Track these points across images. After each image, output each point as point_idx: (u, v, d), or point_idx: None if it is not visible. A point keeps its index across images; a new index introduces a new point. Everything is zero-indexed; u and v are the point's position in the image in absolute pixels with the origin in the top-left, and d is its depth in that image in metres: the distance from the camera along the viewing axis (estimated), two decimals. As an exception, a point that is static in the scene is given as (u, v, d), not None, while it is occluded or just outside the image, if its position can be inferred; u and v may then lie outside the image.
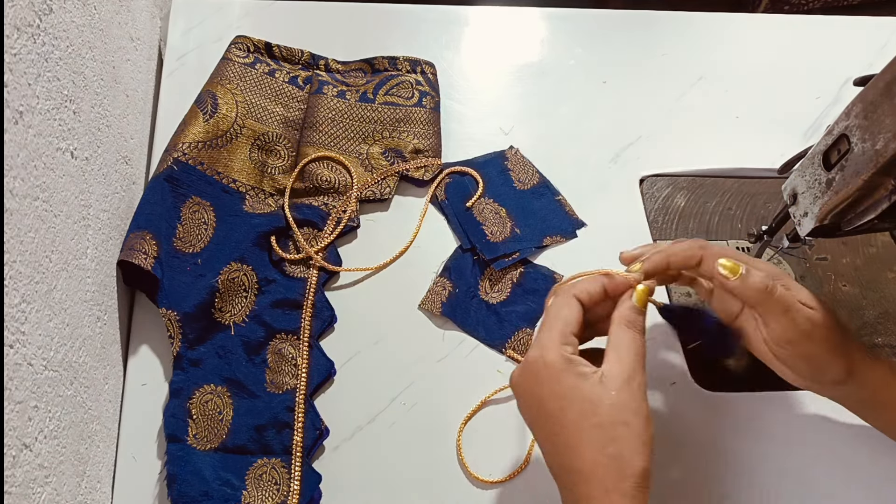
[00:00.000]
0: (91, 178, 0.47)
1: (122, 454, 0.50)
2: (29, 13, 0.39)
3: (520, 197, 0.62)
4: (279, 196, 0.59)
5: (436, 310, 0.55)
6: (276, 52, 0.66)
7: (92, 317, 0.46)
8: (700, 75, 0.71)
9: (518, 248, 0.58)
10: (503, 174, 0.63)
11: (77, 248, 0.44)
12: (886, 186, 0.39)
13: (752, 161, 0.65)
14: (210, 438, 0.49)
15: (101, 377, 0.47)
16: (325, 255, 0.57)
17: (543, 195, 0.62)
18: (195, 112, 0.60)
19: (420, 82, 0.65)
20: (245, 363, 0.52)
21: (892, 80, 0.38)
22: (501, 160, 0.63)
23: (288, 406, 0.51)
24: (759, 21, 0.77)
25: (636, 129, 0.67)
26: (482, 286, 0.57)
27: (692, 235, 0.62)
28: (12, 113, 0.36)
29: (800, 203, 0.47)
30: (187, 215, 0.56)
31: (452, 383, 0.54)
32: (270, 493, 0.48)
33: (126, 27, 0.57)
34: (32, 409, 0.37)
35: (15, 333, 0.35)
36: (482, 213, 0.60)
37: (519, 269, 0.58)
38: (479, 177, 0.62)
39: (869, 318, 0.58)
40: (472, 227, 0.59)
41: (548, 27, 0.73)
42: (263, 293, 0.55)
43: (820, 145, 0.44)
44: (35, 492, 0.37)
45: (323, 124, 0.62)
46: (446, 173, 0.62)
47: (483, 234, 0.58)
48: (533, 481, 0.50)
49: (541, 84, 0.69)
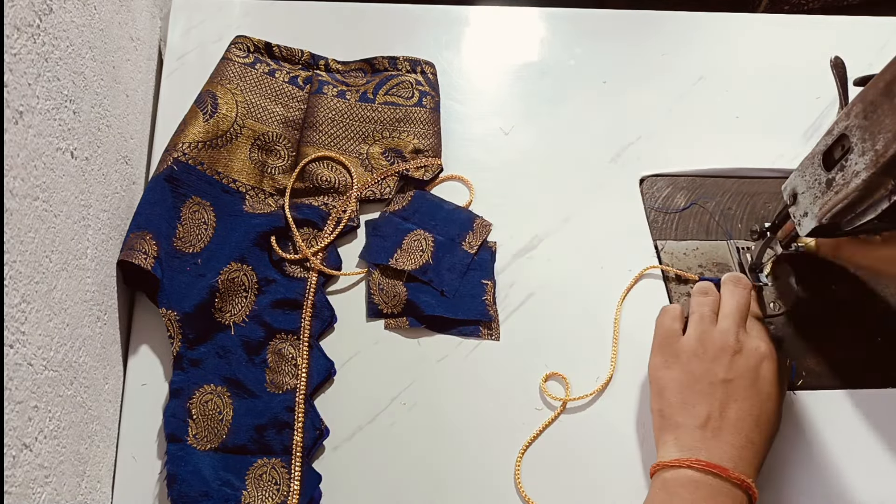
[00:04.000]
0: (91, 178, 0.47)
1: (122, 454, 0.50)
2: (29, 13, 0.39)
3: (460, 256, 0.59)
4: (279, 196, 0.59)
5: (403, 325, 0.56)
6: (276, 52, 0.66)
7: (92, 317, 0.46)
8: (700, 75, 0.71)
9: (428, 280, 0.57)
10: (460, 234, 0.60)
11: (77, 248, 0.44)
12: (886, 186, 0.39)
13: (752, 161, 0.65)
14: (210, 438, 0.49)
15: (101, 377, 0.47)
16: (325, 254, 0.57)
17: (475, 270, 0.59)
18: (195, 112, 0.60)
19: (420, 82, 0.65)
20: (245, 363, 0.52)
21: (892, 80, 0.38)
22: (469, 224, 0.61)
23: (288, 406, 0.51)
24: (759, 21, 0.77)
25: (636, 129, 0.67)
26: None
27: (692, 235, 0.62)
28: (12, 113, 0.36)
29: (800, 203, 0.47)
30: (187, 215, 0.56)
31: (452, 383, 0.54)
32: (270, 493, 0.48)
33: (126, 27, 0.57)
34: (32, 409, 0.37)
35: (15, 333, 0.35)
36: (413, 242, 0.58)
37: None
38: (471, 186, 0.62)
39: (869, 318, 0.58)
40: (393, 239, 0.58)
41: (548, 27, 0.73)
42: (263, 293, 0.55)
43: (820, 145, 0.44)
44: (35, 492, 0.37)
45: (323, 124, 0.62)
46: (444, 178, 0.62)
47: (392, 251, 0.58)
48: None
49: (541, 84, 0.69)
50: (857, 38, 0.74)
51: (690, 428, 0.47)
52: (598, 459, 0.52)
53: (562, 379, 0.54)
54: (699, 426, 0.47)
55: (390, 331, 0.56)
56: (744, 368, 0.49)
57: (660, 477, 0.47)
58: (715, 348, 0.50)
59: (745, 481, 0.45)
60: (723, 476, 0.45)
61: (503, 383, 0.54)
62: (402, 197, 0.61)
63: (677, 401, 0.49)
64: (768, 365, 0.50)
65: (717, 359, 0.49)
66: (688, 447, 0.47)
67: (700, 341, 0.50)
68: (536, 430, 0.52)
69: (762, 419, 0.48)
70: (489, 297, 0.57)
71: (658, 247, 0.61)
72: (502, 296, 0.58)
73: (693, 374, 0.49)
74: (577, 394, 0.54)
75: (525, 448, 0.51)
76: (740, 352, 0.50)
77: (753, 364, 0.49)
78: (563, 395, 0.54)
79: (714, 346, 0.50)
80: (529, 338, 0.56)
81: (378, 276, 0.57)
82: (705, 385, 0.49)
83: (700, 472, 0.45)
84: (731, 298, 0.53)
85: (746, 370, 0.49)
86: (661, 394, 0.50)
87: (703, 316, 0.52)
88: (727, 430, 0.47)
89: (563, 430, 0.53)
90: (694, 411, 0.48)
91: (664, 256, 0.60)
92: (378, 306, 0.56)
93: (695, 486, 0.45)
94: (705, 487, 0.45)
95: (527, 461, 0.51)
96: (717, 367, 0.49)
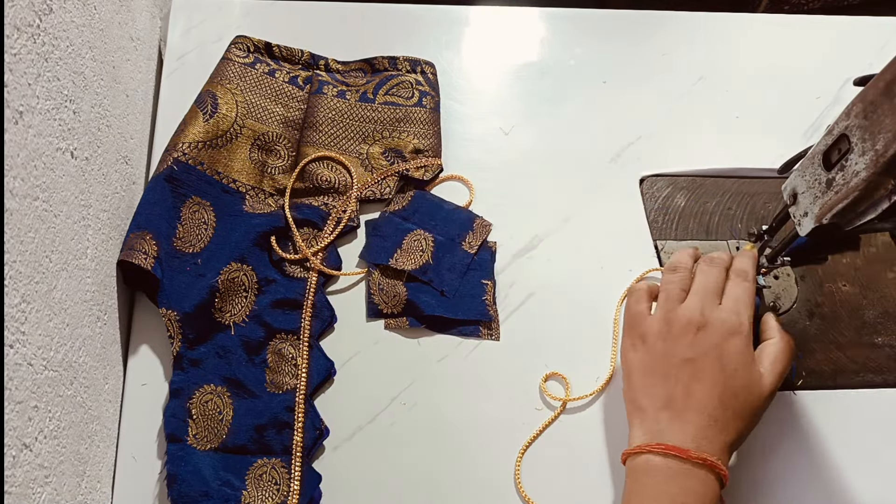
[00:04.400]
0: (91, 178, 0.47)
1: (122, 454, 0.50)
2: (29, 13, 0.39)
3: (461, 256, 0.59)
4: (279, 196, 0.59)
5: (403, 325, 0.56)
6: (276, 52, 0.66)
7: (92, 317, 0.46)
8: (700, 75, 0.71)
9: (427, 279, 0.57)
10: (461, 233, 0.60)
11: (77, 248, 0.44)
12: (886, 186, 0.39)
13: (752, 161, 0.65)
14: (210, 438, 0.49)
15: (101, 377, 0.47)
16: (325, 254, 0.57)
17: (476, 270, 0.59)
18: (195, 112, 0.60)
19: (420, 82, 0.65)
20: (245, 363, 0.52)
21: (892, 80, 0.38)
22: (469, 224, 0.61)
23: (288, 406, 0.51)
24: (759, 21, 0.77)
25: (636, 129, 0.67)
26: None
27: (692, 235, 0.62)
28: (12, 113, 0.36)
29: (800, 203, 0.47)
30: (187, 215, 0.56)
31: (452, 383, 0.54)
32: (270, 493, 0.48)
33: (126, 27, 0.57)
34: (32, 409, 0.37)
35: (15, 333, 0.35)
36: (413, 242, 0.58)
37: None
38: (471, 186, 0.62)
39: (869, 318, 0.58)
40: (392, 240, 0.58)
41: (548, 27, 0.73)
42: (263, 293, 0.55)
43: (820, 145, 0.44)
44: (35, 492, 0.37)
45: (323, 124, 0.62)
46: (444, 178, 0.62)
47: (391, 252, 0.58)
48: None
49: (541, 84, 0.69)
50: (857, 38, 0.74)
51: (653, 411, 0.46)
52: (598, 459, 0.52)
53: (562, 379, 0.54)
54: (661, 408, 0.46)
55: (390, 331, 0.56)
56: (707, 346, 0.47)
57: (628, 465, 0.46)
58: (679, 326, 0.48)
59: (707, 460, 0.43)
60: (683, 458, 0.43)
61: (503, 383, 0.54)
62: (402, 197, 0.61)
63: (642, 385, 0.48)
64: (737, 339, 0.47)
65: (680, 338, 0.48)
66: (650, 431, 0.46)
67: (665, 321, 0.49)
68: (536, 430, 0.52)
69: (726, 395, 0.46)
70: (489, 297, 0.57)
71: (658, 247, 0.61)
72: (502, 296, 0.58)
73: (657, 355, 0.48)
74: (577, 394, 0.54)
75: (525, 448, 0.51)
76: (704, 327, 0.48)
77: (717, 340, 0.47)
78: (563, 395, 0.54)
79: (678, 324, 0.48)
80: (529, 338, 0.56)
81: (378, 276, 0.57)
82: (668, 367, 0.47)
83: (660, 455, 0.44)
84: (700, 275, 0.51)
85: (710, 347, 0.47)
86: (629, 378, 0.49)
87: (669, 294, 0.51)
88: (690, 410, 0.45)
89: (563, 430, 0.53)
90: (655, 393, 0.47)
91: (664, 256, 0.60)
92: (378, 306, 0.56)
93: (657, 471, 0.44)
94: (667, 471, 0.44)
95: (527, 461, 0.51)
96: (679, 347, 0.48)
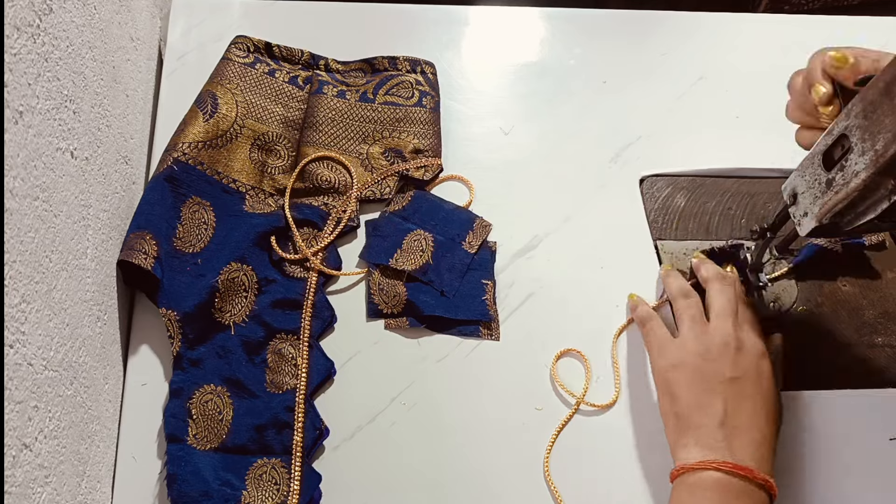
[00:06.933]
0: (91, 178, 0.47)
1: (122, 454, 0.50)
2: (29, 13, 0.39)
3: (462, 256, 0.59)
4: (279, 196, 0.59)
5: (403, 325, 0.56)
6: (276, 52, 0.66)
7: (92, 317, 0.46)
8: (700, 75, 0.71)
9: (429, 280, 0.57)
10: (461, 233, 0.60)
11: (77, 248, 0.44)
12: (886, 186, 0.39)
13: (752, 161, 0.65)
14: (210, 438, 0.49)
15: (101, 377, 0.47)
16: (325, 254, 0.57)
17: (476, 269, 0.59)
18: (195, 112, 0.60)
19: (420, 82, 0.65)
20: (245, 363, 0.52)
21: (892, 80, 0.38)
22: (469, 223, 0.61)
23: (288, 406, 0.51)
24: (759, 21, 0.77)
25: (636, 129, 0.67)
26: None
27: (692, 235, 0.62)
28: (12, 113, 0.36)
29: (800, 203, 0.47)
30: (187, 215, 0.56)
31: (452, 383, 0.54)
32: (270, 493, 0.48)
33: (126, 27, 0.57)
34: (32, 409, 0.37)
35: (15, 333, 0.35)
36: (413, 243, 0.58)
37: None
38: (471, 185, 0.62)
39: (869, 318, 0.58)
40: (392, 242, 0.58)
41: (548, 27, 0.73)
42: (263, 293, 0.55)
43: (820, 145, 0.44)
44: (35, 492, 0.37)
45: (323, 124, 0.62)
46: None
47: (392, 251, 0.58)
48: (533, 481, 0.51)
49: (541, 84, 0.69)
50: (857, 38, 0.74)
51: (710, 428, 0.47)
52: (598, 459, 0.52)
53: (561, 379, 0.54)
54: (718, 425, 0.47)
55: (390, 331, 0.56)
56: (748, 365, 0.49)
57: (684, 481, 0.46)
58: (717, 347, 0.50)
59: (768, 481, 0.45)
60: (749, 477, 0.45)
61: (503, 383, 0.54)
62: (402, 197, 0.61)
63: (692, 402, 0.49)
64: (766, 361, 0.50)
65: (721, 357, 0.49)
66: (709, 447, 0.46)
67: (700, 342, 0.50)
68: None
69: (771, 415, 0.48)
70: (489, 297, 0.57)
71: (658, 247, 0.61)
72: (502, 296, 0.58)
73: (702, 373, 0.49)
74: (577, 394, 0.54)
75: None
76: (741, 349, 0.50)
77: (755, 361, 0.50)
78: (562, 394, 0.54)
79: (715, 345, 0.50)
80: (529, 338, 0.56)
81: (378, 276, 0.57)
82: (716, 384, 0.48)
83: (726, 473, 0.45)
84: (720, 296, 0.52)
85: (750, 367, 0.49)
86: (673, 396, 0.50)
87: (693, 318, 0.52)
88: (744, 428, 0.47)
89: (563, 429, 0.53)
90: (711, 410, 0.48)
91: (664, 256, 0.60)
92: (378, 306, 0.56)
93: (722, 488, 0.45)
94: (732, 489, 0.45)
95: (527, 461, 0.51)
96: (723, 366, 0.49)
